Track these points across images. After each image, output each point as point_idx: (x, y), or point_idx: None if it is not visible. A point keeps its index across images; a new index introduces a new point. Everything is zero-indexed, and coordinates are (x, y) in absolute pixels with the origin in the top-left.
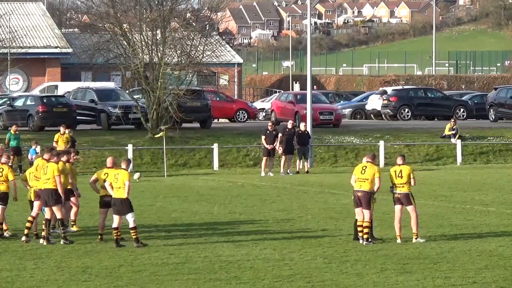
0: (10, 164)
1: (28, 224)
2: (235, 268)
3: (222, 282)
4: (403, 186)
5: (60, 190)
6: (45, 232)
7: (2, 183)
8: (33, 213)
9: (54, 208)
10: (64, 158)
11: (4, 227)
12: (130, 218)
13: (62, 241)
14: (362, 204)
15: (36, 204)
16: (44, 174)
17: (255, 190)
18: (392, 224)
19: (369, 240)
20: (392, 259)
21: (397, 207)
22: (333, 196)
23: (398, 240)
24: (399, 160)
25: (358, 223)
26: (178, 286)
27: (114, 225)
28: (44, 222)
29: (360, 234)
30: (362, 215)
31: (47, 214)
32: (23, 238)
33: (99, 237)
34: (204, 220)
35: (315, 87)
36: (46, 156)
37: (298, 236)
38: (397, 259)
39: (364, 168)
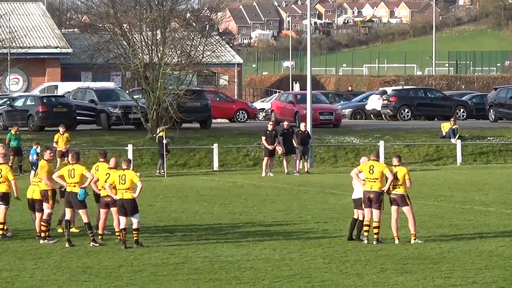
0: (10, 164)
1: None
2: (235, 268)
3: (222, 282)
4: (398, 187)
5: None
6: (91, 235)
7: (2, 184)
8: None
9: (81, 212)
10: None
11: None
12: (135, 219)
13: (91, 244)
14: (372, 204)
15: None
16: (71, 177)
17: (255, 190)
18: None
19: (379, 240)
20: (392, 259)
21: (393, 208)
22: (333, 196)
23: (396, 241)
24: (395, 161)
25: (364, 223)
26: (178, 286)
27: (122, 226)
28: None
29: (365, 234)
30: (370, 215)
31: (84, 218)
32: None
33: (99, 237)
34: (204, 220)
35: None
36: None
37: (298, 236)
38: (397, 259)
39: (371, 167)
